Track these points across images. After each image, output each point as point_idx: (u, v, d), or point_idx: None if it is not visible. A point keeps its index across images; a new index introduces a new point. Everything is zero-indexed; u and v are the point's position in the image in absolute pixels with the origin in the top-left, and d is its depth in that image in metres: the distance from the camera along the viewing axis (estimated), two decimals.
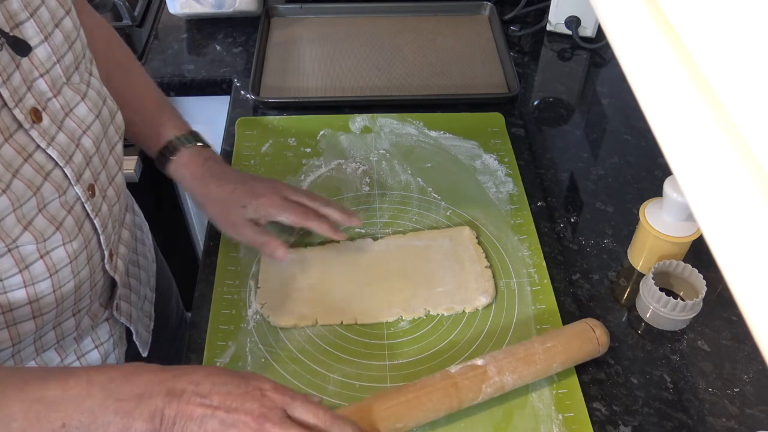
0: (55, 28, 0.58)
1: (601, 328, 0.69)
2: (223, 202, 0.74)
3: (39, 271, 0.57)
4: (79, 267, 0.61)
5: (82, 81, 0.62)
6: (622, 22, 0.33)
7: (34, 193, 0.55)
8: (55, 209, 0.57)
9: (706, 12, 0.26)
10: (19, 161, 0.53)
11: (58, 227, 0.57)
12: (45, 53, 0.56)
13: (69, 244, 0.58)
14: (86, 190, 0.60)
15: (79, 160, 0.59)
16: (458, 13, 1.23)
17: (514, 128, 0.99)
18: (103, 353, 0.72)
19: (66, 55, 0.59)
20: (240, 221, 0.74)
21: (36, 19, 0.55)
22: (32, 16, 0.55)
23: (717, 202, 0.25)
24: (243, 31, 1.17)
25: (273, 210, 0.74)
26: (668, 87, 0.28)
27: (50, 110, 0.57)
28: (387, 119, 0.99)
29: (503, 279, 0.78)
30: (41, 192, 0.55)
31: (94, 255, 0.63)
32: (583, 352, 0.68)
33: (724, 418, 0.67)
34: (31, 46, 0.54)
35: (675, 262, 0.75)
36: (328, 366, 0.70)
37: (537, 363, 0.66)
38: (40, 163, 0.55)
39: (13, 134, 0.53)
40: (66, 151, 0.58)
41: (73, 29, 0.60)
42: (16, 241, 0.54)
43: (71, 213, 0.59)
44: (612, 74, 1.13)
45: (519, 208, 0.87)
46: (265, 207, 0.74)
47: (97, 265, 0.64)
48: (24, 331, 0.59)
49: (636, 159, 0.96)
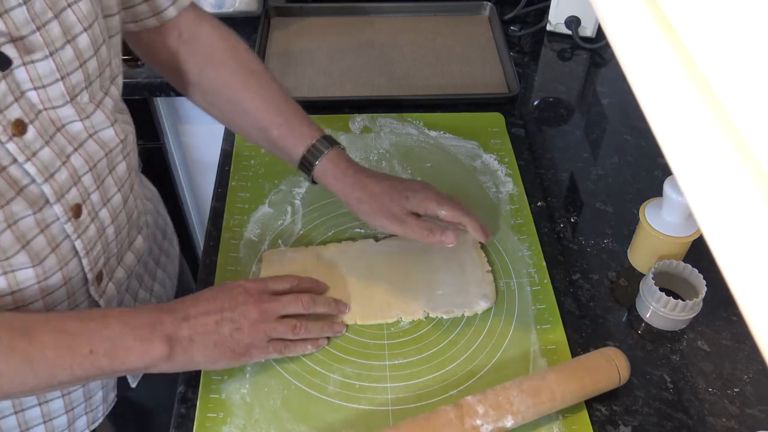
0: (66, 44, 0.55)
1: (624, 363, 0.68)
2: (382, 196, 0.74)
3: (1, 285, 0.55)
4: (49, 289, 0.59)
5: (92, 101, 0.59)
6: (622, 22, 0.33)
7: (1, 206, 0.52)
8: (26, 227, 0.55)
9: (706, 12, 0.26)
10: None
11: (24, 246, 0.55)
12: (47, 68, 0.54)
13: (38, 266, 0.57)
14: (68, 210, 0.58)
15: (64, 178, 0.57)
16: (458, 13, 1.23)
17: (514, 128, 0.99)
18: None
19: (74, 73, 0.56)
20: (402, 213, 0.74)
21: (43, 33, 0.53)
22: (39, 30, 0.52)
23: (717, 202, 0.25)
24: (243, 31, 1.17)
25: (433, 204, 0.74)
26: (668, 87, 0.28)
27: (39, 124, 0.54)
28: (387, 119, 0.99)
29: (503, 279, 0.78)
30: (10, 206, 0.53)
31: (72, 278, 0.61)
32: (603, 388, 0.67)
33: (724, 418, 0.67)
34: (26, 60, 0.52)
35: (675, 262, 0.75)
36: (328, 366, 0.70)
37: (557, 408, 0.65)
38: (14, 178, 0.53)
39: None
40: (47, 168, 0.55)
41: (89, 47, 0.57)
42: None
43: (44, 232, 0.56)
44: (612, 74, 1.13)
45: (519, 208, 0.87)
46: (426, 200, 0.74)
47: (77, 289, 0.62)
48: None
49: (636, 159, 0.96)
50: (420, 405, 0.67)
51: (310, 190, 0.88)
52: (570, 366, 0.66)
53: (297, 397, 0.67)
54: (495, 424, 0.62)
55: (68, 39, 0.55)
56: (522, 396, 0.63)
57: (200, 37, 0.75)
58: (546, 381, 0.64)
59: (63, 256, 0.59)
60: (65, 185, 0.57)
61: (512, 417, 0.62)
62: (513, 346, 0.72)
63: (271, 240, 0.82)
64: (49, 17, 0.53)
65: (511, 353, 0.71)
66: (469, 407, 0.62)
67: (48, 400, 0.66)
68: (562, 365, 0.67)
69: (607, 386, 0.67)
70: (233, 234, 0.82)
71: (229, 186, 0.88)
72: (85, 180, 0.59)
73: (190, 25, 0.74)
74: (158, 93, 1.09)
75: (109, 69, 0.61)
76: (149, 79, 1.07)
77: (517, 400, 0.63)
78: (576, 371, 0.66)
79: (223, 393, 0.67)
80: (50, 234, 0.57)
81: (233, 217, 0.84)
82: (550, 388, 0.64)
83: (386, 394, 0.68)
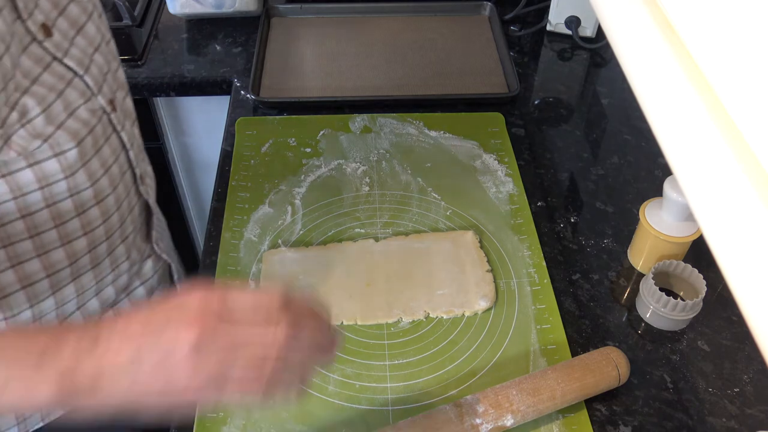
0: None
1: (623, 363, 0.68)
2: None
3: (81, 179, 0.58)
4: (114, 180, 0.63)
5: (86, 10, 0.62)
6: (622, 22, 0.33)
7: (57, 95, 0.55)
8: (85, 115, 0.58)
9: (706, 12, 0.26)
10: (37, 71, 0.54)
11: (90, 131, 0.58)
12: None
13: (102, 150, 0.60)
14: (108, 103, 0.61)
15: (95, 72, 0.60)
16: (458, 13, 1.23)
17: (514, 128, 0.99)
18: (149, 289, 0.75)
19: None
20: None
21: None
22: None
23: (717, 202, 0.25)
24: (243, 31, 1.17)
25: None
26: (668, 87, 0.28)
27: (59, 27, 0.57)
28: (387, 119, 0.99)
29: (503, 279, 0.78)
30: (65, 96, 0.56)
31: (126, 173, 0.65)
32: (603, 388, 0.67)
33: (724, 418, 0.67)
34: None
35: (675, 262, 0.75)
36: (328, 366, 0.70)
37: (557, 407, 0.65)
38: (59, 74, 0.56)
39: (28, 46, 0.53)
40: (82, 62, 0.58)
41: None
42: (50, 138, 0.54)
43: (100, 122, 0.60)
44: (612, 74, 1.13)
45: (519, 208, 0.87)
46: None
47: (130, 186, 0.67)
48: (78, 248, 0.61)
49: (636, 159, 0.96)
50: (420, 405, 0.67)
51: (310, 190, 0.88)
52: (570, 365, 0.66)
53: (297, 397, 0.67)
54: (495, 423, 0.62)
55: None
56: (522, 395, 0.63)
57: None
58: (546, 380, 0.64)
59: (115, 148, 0.63)
60: (98, 79, 0.60)
61: (512, 416, 0.62)
62: (513, 346, 0.72)
63: (271, 240, 0.82)
64: None
65: (511, 353, 0.71)
66: (468, 406, 0.62)
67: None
68: (562, 365, 0.67)
69: (607, 386, 0.67)
70: (233, 234, 0.82)
71: (229, 186, 0.88)
72: (108, 77, 0.63)
73: None
74: (158, 93, 1.09)
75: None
76: (149, 79, 1.07)
77: (517, 399, 0.63)
78: (576, 371, 0.66)
79: None
80: (103, 125, 0.61)
81: (233, 217, 0.84)
82: (549, 387, 0.64)
83: (386, 394, 0.68)
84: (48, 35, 0.56)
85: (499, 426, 0.62)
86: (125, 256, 0.70)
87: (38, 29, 0.55)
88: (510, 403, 0.62)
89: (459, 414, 0.61)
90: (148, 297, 0.75)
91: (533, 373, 0.66)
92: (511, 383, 0.64)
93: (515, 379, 0.65)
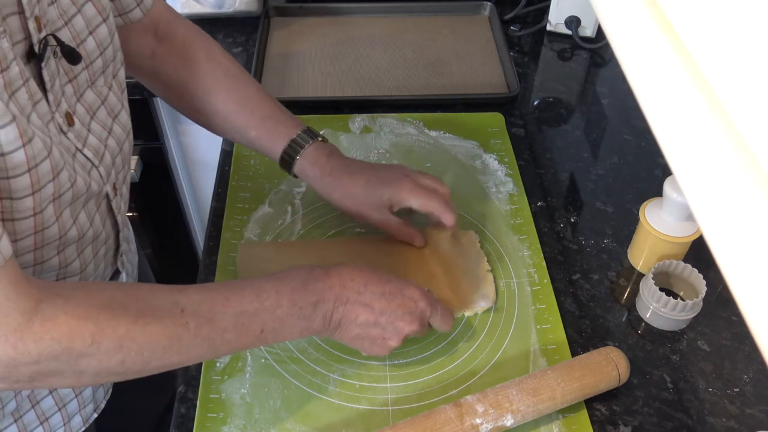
0: (89, 35, 0.58)
1: (623, 363, 0.67)
2: (358, 197, 0.75)
3: (69, 254, 0.60)
4: (98, 261, 0.64)
5: (105, 84, 0.62)
6: (622, 22, 0.33)
7: (87, 188, 0.57)
8: (90, 206, 0.60)
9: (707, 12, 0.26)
10: (67, 160, 0.55)
11: (91, 223, 0.61)
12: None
13: (98, 236, 0.63)
14: (112, 188, 0.63)
15: (108, 161, 0.62)
16: (458, 13, 1.23)
17: (514, 128, 0.99)
18: None
19: (96, 61, 0.60)
20: (378, 212, 0.75)
21: (71, 28, 0.56)
22: (67, 24, 0.55)
23: (717, 202, 0.25)
24: (243, 31, 1.17)
25: (404, 195, 0.75)
26: (668, 87, 0.28)
27: (78, 114, 0.58)
28: (387, 119, 0.99)
29: (503, 279, 0.78)
30: (91, 190, 0.58)
31: (109, 251, 0.67)
32: (603, 388, 0.67)
33: (724, 418, 0.67)
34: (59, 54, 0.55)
35: (675, 262, 0.75)
36: (328, 366, 0.70)
37: (557, 407, 0.65)
38: (82, 163, 0.57)
39: (58, 138, 0.54)
40: (98, 152, 0.60)
41: (107, 36, 0.61)
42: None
43: (98, 210, 0.62)
44: (612, 74, 1.13)
45: (519, 208, 0.87)
46: (399, 195, 0.75)
47: (109, 259, 0.68)
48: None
49: (636, 159, 0.96)
50: (420, 405, 0.67)
51: (311, 189, 0.88)
52: (570, 365, 0.66)
53: (297, 397, 0.67)
54: (494, 422, 0.62)
55: (90, 31, 0.58)
56: (522, 395, 0.63)
57: (174, 37, 0.75)
58: (546, 380, 0.64)
59: (108, 232, 0.66)
60: (109, 168, 0.62)
61: (512, 416, 0.62)
62: (513, 346, 0.72)
63: (272, 240, 0.82)
64: (73, 12, 0.56)
65: (511, 353, 0.71)
66: (468, 406, 0.62)
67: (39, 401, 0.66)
68: (562, 364, 0.67)
69: (607, 386, 0.67)
70: (233, 234, 0.82)
71: (229, 186, 0.88)
72: (116, 161, 0.64)
73: (164, 26, 0.75)
74: None
75: (119, 51, 0.65)
76: None
77: (517, 399, 0.63)
78: (576, 371, 0.66)
79: (223, 393, 0.67)
80: (100, 213, 0.63)
81: (233, 217, 0.84)
82: (549, 387, 0.64)
83: (386, 394, 0.68)
84: (71, 124, 0.56)
85: (499, 426, 0.62)
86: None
87: (64, 120, 0.55)
88: (510, 403, 0.62)
89: (459, 414, 0.61)
90: None
91: (533, 373, 0.66)
92: (511, 383, 0.64)
93: (515, 379, 0.65)
